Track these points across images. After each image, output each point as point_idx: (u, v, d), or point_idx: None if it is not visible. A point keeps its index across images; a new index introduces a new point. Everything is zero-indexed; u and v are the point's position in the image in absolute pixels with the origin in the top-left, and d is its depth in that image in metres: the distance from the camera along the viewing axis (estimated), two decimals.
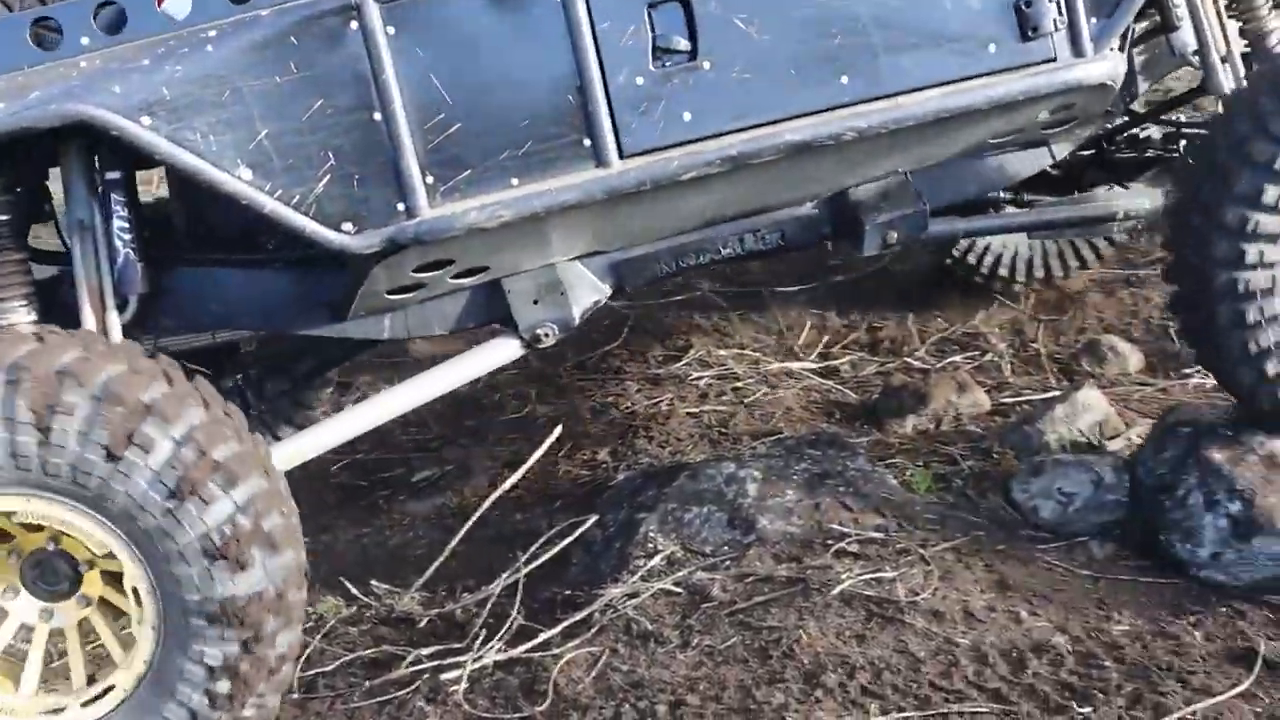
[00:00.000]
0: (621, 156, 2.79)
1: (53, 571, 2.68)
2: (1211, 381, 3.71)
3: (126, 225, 2.87)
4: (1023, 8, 2.88)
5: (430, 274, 2.96)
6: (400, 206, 2.72)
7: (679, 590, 3.20)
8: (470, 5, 2.71)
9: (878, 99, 2.86)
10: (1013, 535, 3.39)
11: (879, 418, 4.16)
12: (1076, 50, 2.94)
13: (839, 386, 4.51)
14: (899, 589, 3.06)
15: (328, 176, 2.69)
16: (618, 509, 3.70)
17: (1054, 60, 2.92)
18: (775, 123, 2.83)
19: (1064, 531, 3.40)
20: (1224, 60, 3.19)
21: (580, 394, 4.77)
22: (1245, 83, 3.15)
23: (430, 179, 2.73)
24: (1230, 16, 3.26)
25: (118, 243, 2.84)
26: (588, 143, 2.78)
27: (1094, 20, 2.94)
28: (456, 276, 3.04)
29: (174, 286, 3.07)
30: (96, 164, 2.85)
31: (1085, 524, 3.42)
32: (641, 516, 3.53)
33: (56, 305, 2.98)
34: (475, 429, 4.72)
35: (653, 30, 2.77)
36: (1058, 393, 4.07)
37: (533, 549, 3.49)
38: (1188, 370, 4.18)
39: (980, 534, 3.35)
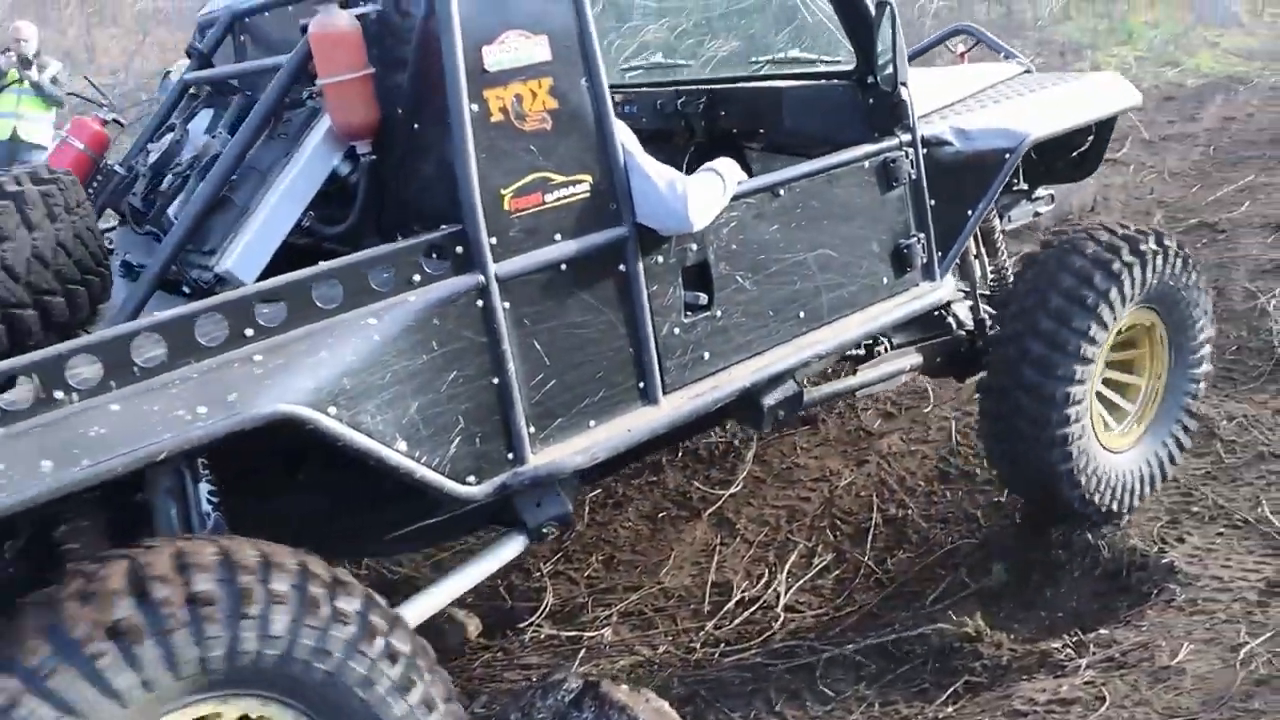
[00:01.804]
0: (664, 394, 3.40)
1: None
2: None
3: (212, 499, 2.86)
4: (902, 250, 4.05)
5: None
6: (510, 456, 3.11)
7: None
8: (562, 278, 3.17)
9: (821, 326, 3.83)
10: None
11: None
12: (929, 277, 4.17)
13: None
14: None
15: (459, 438, 3.01)
16: None
17: (919, 286, 4.14)
18: (762, 354, 3.66)
19: None
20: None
21: None
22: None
23: (532, 429, 3.14)
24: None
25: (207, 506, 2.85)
26: (642, 385, 3.36)
27: (939, 255, 4.18)
28: None
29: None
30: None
31: None
32: None
33: None
34: None
35: (684, 289, 3.44)
36: None
37: None
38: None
39: None
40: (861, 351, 4.51)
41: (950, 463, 5.31)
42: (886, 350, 4.51)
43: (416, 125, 3.09)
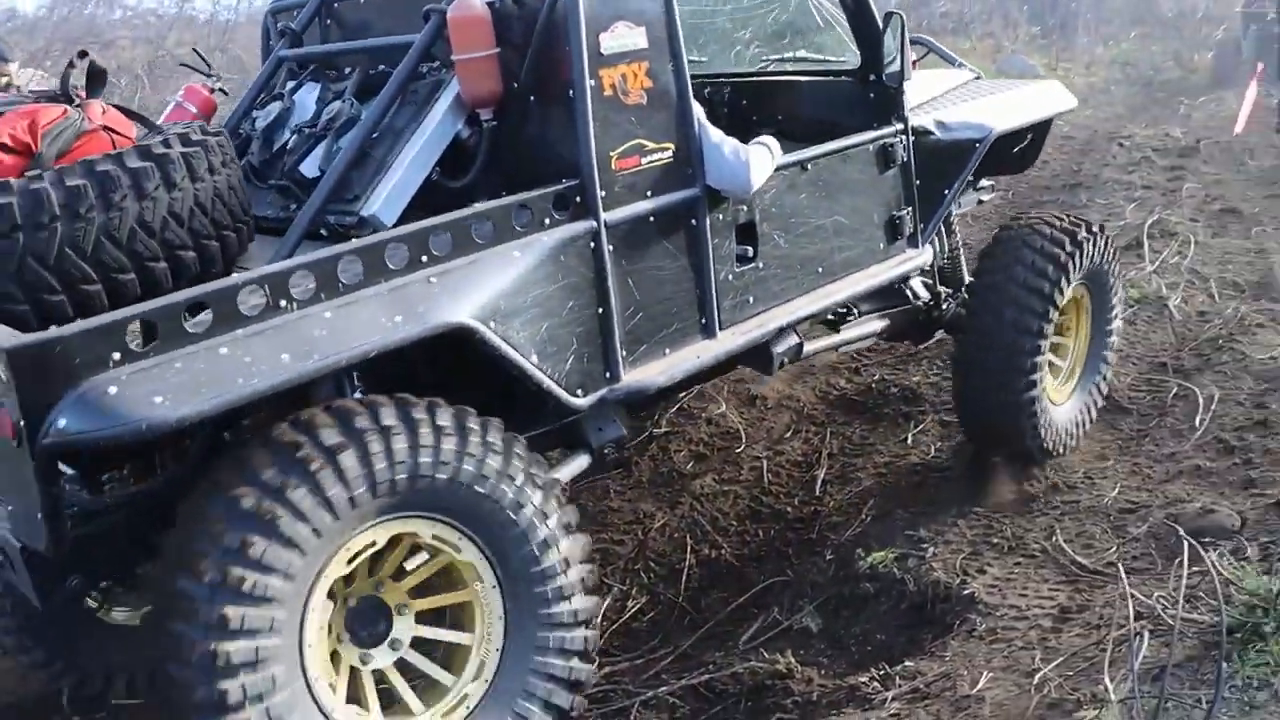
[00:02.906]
0: (720, 329, 4.07)
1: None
2: None
3: None
4: (895, 221, 4.81)
5: None
6: (607, 374, 3.73)
7: None
8: (650, 228, 3.81)
9: (835, 280, 4.55)
10: None
11: None
12: (913, 245, 4.93)
13: None
14: None
15: (572, 357, 3.62)
16: None
17: (906, 252, 4.89)
18: (791, 300, 4.36)
19: None
20: None
21: None
22: None
23: (624, 353, 3.77)
24: None
25: None
26: (704, 320, 4.04)
27: (921, 226, 4.95)
28: None
29: None
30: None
31: None
32: None
33: None
34: None
35: (736, 243, 4.12)
36: None
37: None
38: None
39: None
40: (832, 318, 5.19)
41: (762, 501, 5.39)
42: (857, 317, 5.20)
43: (533, 97, 3.70)
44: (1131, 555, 4.63)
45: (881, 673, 4.05)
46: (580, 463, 3.96)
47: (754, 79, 5.62)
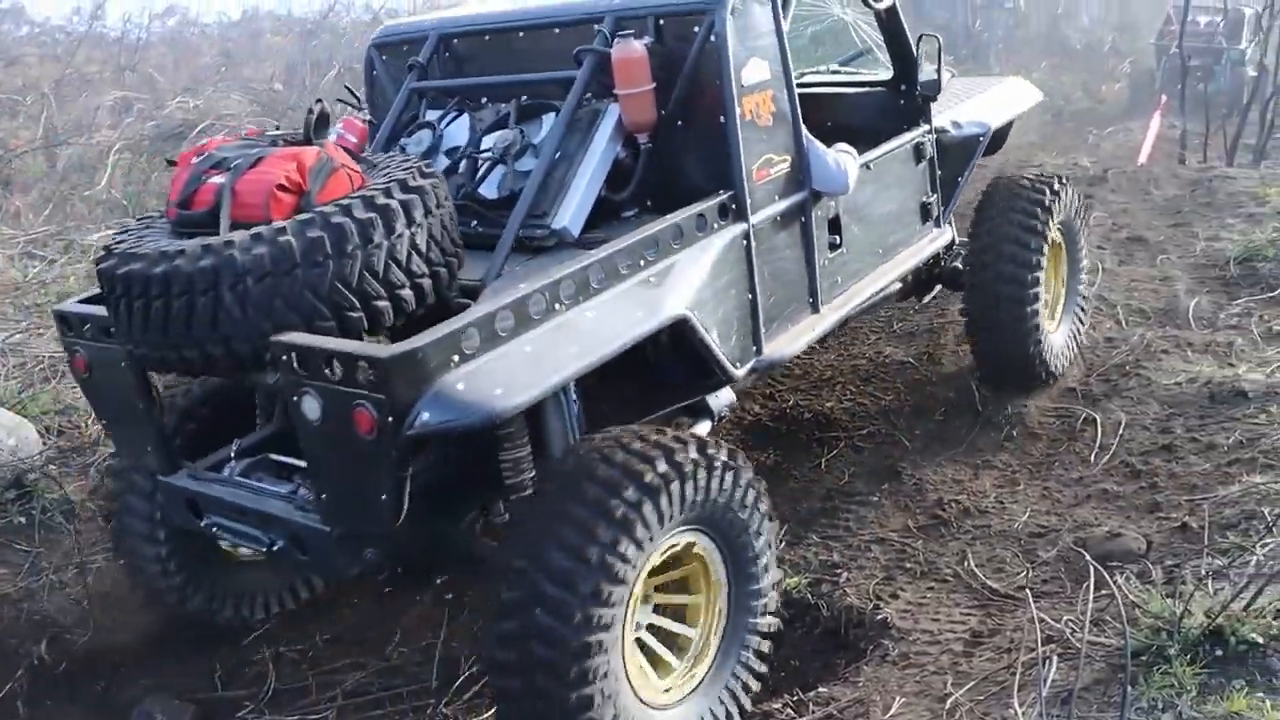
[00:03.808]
0: (822, 306, 4.87)
1: None
2: None
3: None
4: (926, 206, 5.83)
5: None
6: (755, 349, 4.47)
7: None
8: (776, 226, 4.54)
9: (890, 259, 5.50)
10: None
11: None
12: (938, 225, 5.99)
13: None
14: None
15: (735, 335, 4.34)
16: None
17: (933, 231, 5.94)
18: (863, 279, 5.25)
19: None
20: None
21: None
22: None
23: (764, 330, 4.49)
24: None
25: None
26: (812, 300, 4.84)
27: (943, 209, 6.00)
28: None
29: None
30: None
31: None
32: None
33: None
34: None
35: (830, 235, 4.92)
36: None
37: None
38: None
39: None
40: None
41: None
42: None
43: (681, 122, 4.34)
44: (1041, 579, 4.69)
45: (795, 699, 4.06)
46: (705, 426, 4.51)
47: (804, 90, 5.95)
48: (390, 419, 3.15)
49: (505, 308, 3.41)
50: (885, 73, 6.08)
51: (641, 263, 3.90)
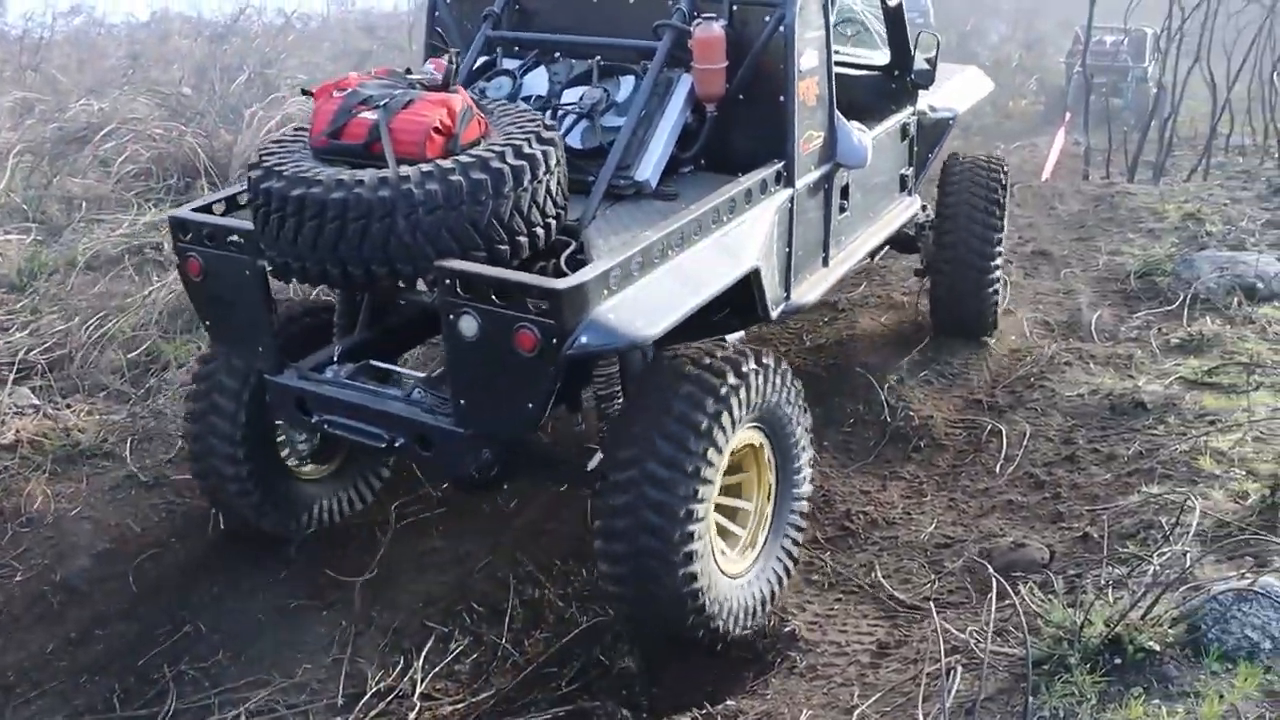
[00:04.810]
0: (829, 261, 5.66)
1: None
2: None
3: None
4: (904, 177, 6.71)
5: None
6: (785, 295, 5.21)
7: None
8: (810, 191, 5.29)
9: (878, 221, 6.34)
10: None
11: None
12: (910, 195, 6.86)
13: None
14: None
15: (777, 284, 5.08)
16: None
17: (908, 199, 6.81)
18: (860, 239, 6.07)
19: None
20: None
21: None
22: None
23: (792, 278, 5.22)
24: None
25: None
26: (824, 255, 5.63)
27: (915, 181, 6.91)
28: None
29: None
30: None
31: None
32: None
33: None
34: None
35: (839, 199, 5.63)
36: None
37: None
38: None
39: None
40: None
41: (585, 540, 5.33)
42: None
43: (743, 97, 5.00)
44: (947, 590, 4.74)
45: (704, 712, 4.04)
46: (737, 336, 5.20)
47: None
48: (554, 340, 3.72)
49: (638, 251, 4.04)
50: (880, 58, 6.80)
51: (725, 219, 4.57)
